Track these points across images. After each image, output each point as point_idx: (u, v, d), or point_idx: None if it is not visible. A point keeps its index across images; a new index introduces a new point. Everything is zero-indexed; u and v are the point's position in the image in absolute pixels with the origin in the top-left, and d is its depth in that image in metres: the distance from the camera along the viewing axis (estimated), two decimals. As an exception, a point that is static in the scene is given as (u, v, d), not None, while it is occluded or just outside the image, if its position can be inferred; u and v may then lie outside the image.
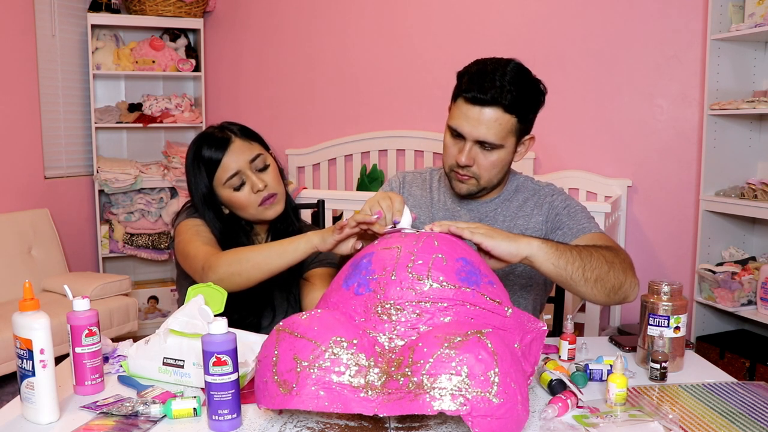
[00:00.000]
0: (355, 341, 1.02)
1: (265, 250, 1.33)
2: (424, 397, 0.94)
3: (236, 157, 1.48)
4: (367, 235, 1.31)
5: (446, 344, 0.98)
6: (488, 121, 1.38)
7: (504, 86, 1.37)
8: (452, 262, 1.14)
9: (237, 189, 1.49)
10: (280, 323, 1.07)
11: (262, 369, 1.04)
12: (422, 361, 0.97)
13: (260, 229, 1.61)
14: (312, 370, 0.99)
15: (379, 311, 1.08)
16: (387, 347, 1.05)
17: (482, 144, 1.41)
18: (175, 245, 1.52)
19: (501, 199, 1.57)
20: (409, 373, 0.97)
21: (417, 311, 1.07)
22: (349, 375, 0.99)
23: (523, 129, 1.45)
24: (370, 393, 0.98)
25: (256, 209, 1.50)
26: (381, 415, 0.97)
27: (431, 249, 1.15)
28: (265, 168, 1.52)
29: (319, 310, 1.11)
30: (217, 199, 1.53)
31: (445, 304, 1.08)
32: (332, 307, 1.15)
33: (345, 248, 1.31)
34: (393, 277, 1.10)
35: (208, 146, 1.49)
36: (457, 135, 1.43)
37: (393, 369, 1.00)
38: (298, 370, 0.99)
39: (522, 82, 1.40)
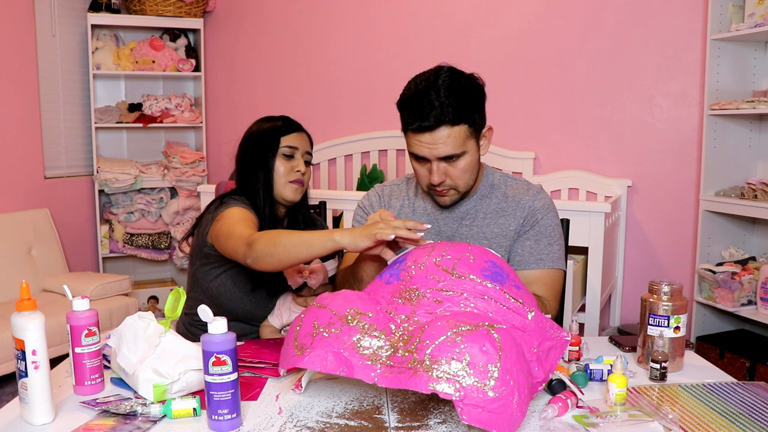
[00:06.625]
0: (369, 314, 1.10)
1: (295, 238, 1.38)
2: (423, 376, 0.97)
3: (301, 140, 1.76)
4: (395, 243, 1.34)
5: (455, 330, 1.01)
6: (442, 139, 1.41)
7: (443, 103, 1.39)
8: (480, 261, 1.19)
9: (286, 158, 1.73)
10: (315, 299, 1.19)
11: (288, 335, 1.16)
12: (428, 342, 1.01)
13: (279, 212, 1.81)
14: (325, 335, 1.07)
15: (405, 296, 1.15)
16: (401, 326, 1.10)
17: (446, 158, 1.45)
18: (214, 226, 1.62)
19: (479, 195, 1.59)
20: (414, 351, 1.01)
21: (437, 298, 1.13)
22: (359, 343, 1.06)
23: (478, 127, 1.48)
24: (374, 362, 1.04)
25: (285, 182, 1.72)
26: (381, 386, 1.02)
27: (463, 249, 1.22)
28: (308, 163, 1.79)
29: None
30: (267, 164, 1.73)
31: (465, 295, 1.13)
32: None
33: (375, 251, 1.33)
34: (421, 267, 1.18)
35: (286, 121, 1.78)
36: (421, 158, 1.47)
37: (401, 344, 1.05)
38: (314, 334, 1.09)
39: (458, 90, 1.42)
